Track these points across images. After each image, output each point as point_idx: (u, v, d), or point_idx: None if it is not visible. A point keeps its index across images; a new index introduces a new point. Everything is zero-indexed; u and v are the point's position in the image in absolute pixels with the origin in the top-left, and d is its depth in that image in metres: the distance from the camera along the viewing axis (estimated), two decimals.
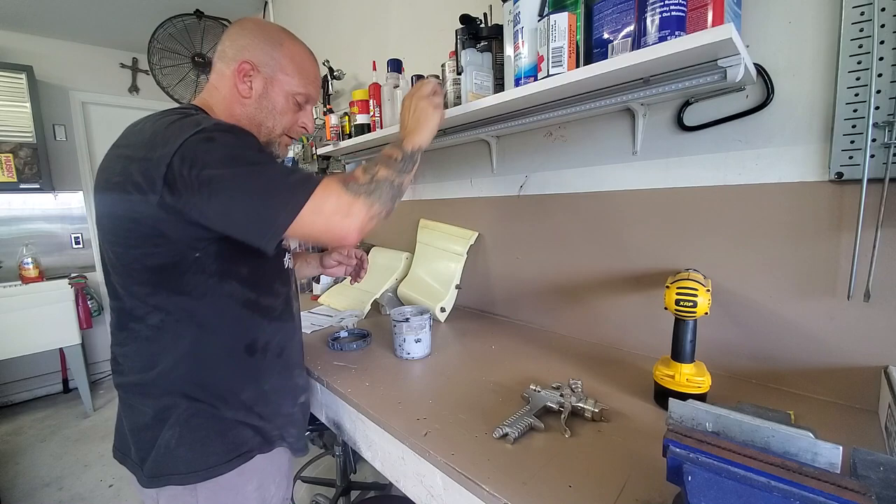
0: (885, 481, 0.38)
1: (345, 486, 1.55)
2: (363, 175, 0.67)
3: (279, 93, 0.73)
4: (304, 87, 0.75)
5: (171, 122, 0.59)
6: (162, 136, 0.58)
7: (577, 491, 0.52)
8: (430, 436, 0.66)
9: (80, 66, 3.05)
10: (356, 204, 0.63)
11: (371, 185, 0.66)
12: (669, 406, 0.47)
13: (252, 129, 0.73)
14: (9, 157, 2.62)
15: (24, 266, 2.54)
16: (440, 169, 1.50)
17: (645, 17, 0.67)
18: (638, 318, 0.97)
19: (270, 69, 0.72)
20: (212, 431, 0.67)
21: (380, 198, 0.66)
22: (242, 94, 0.71)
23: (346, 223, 0.62)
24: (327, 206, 0.61)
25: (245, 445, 0.70)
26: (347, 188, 0.63)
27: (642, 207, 0.95)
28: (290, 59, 0.73)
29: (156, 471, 0.66)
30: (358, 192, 0.64)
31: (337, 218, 0.62)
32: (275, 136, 0.77)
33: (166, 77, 2.50)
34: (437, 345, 1.07)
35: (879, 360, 0.68)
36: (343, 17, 1.96)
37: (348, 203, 0.63)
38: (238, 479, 0.69)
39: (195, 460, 0.66)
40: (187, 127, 0.57)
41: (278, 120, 0.75)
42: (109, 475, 1.97)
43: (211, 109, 0.72)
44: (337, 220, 0.62)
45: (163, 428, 0.66)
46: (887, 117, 0.63)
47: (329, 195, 0.61)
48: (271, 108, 0.74)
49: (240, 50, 0.71)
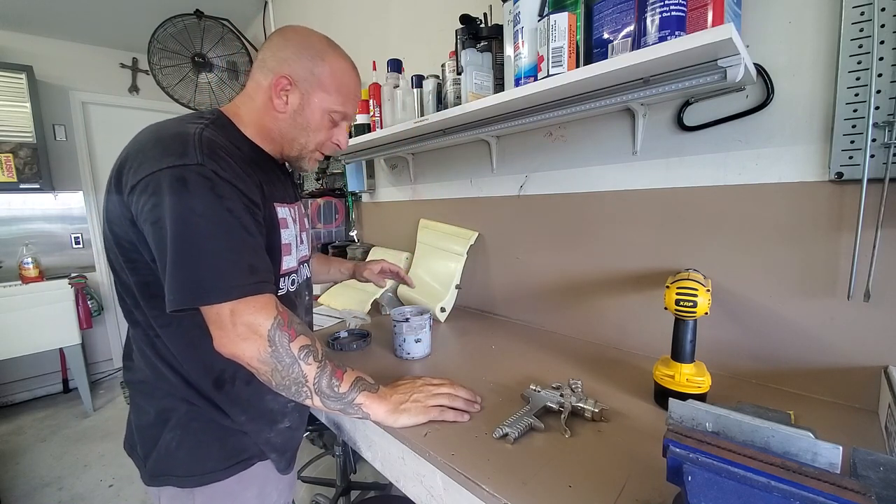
0: (885, 481, 0.38)
1: (345, 486, 1.55)
2: (296, 347, 0.59)
3: (315, 110, 0.70)
4: (342, 106, 0.72)
5: (161, 139, 0.58)
6: (150, 150, 0.57)
7: (577, 491, 0.52)
8: (430, 436, 0.66)
9: (80, 66, 3.05)
10: (257, 346, 0.56)
11: (287, 360, 0.58)
12: (669, 406, 0.47)
13: (283, 143, 0.72)
14: (9, 157, 2.62)
15: (24, 266, 2.54)
16: (440, 169, 1.50)
17: (645, 17, 0.67)
18: (638, 318, 0.97)
19: (309, 85, 0.68)
20: (211, 437, 0.67)
21: (274, 372, 0.58)
22: (277, 108, 0.68)
23: (234, 343, 0.56)
24: (241, 319, 0.55)
25: (245, 453, 0.69)
26: (274, 330, 0.57)
27: (642, 207, 0.95)
28: (331, 76, 0.69)
29: (156, 470, 0.66)
30: (273, 344, 0.57)
31: (234, 333, 0.56)
32: (307, 152, 0.74)
33: (166, 77, 2.50)
34: (437, 345, 1.07)
35: (879, 360, 0.68)
36: (343, 17, 1.96)
37: (256, 335, 0.56)
38: (237, 486, 0.69)
39: (193, 464, 0.66)
40: (169, 153, 0.55)
41: (311, 137, 0.72)
42: (109, 475, 1.97)
43: (240, 119, 0.70)
44: (231, 335, 0.56)
45: (164, 429, 0.66)
46: (887, 117, 0.63)
47: (255, 314, 0.56)
48: (305, 124, 0.71)
49: (280, 62, 0.68)
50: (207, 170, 0.56)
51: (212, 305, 0.55)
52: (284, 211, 0.72)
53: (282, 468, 0.75)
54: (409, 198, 1.66)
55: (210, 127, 0.62)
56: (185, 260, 0.54)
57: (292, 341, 0.59)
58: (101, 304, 2.98)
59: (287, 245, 0.72)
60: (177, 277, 0.54)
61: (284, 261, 0.71)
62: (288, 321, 0.60)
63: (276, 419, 0.72)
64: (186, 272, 0.54)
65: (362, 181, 1.83)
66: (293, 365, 0.59)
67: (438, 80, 1.19)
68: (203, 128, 0.61)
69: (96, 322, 2.94)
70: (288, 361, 0.58)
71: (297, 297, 0.79)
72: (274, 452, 0.72)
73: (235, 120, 0.70)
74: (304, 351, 0.60)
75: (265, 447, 0.71)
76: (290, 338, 0.59)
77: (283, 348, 0.58)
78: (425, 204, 1.58)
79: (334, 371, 0.63)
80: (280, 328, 0.58)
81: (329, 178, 2.12)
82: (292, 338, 0.59)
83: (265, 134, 0.71)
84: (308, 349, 0.60)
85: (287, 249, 0.72)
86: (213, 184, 0.56)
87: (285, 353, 0.58)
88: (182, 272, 0.54)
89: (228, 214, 0.56)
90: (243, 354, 0.57)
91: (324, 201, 1.98)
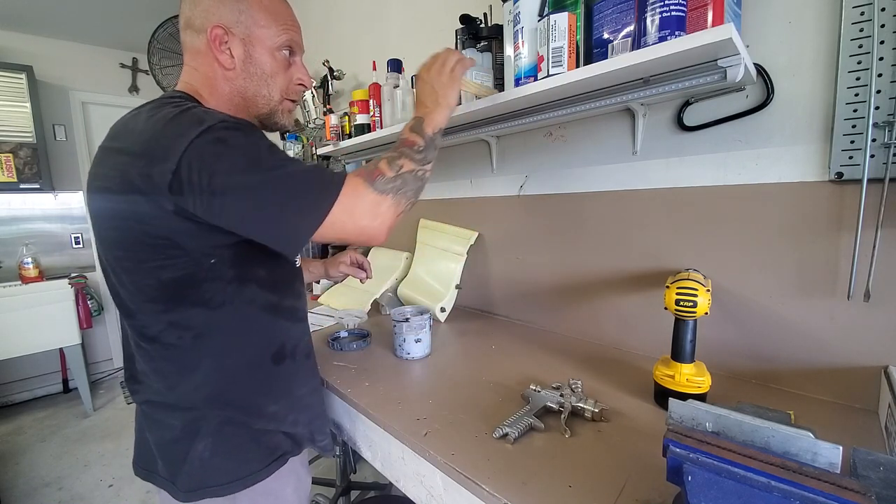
0: (885, 481, 0.38)
1: (345, 486, 1.55)
2: (388, 169, 0.62)
3: (263, 51, 0.64)
4: (285, 34, 0.65)
5: (170, 117, 0.53)
6: (163, 136, 0.52)
7: (577, 491, 0.52)
8: (430, 436, 0.66)
9: (80, 66, 3.05)
10: (384, 203, 0.60)
11: (398, 182, 0.62)
12: (669, 406, 0.47)
13: (248, 104, 0.66)
14: (9, 157, 2.62)
15: (24, 266, 2.54)
16: (440, 169, 1.50)
17: (645, 17, 0.67)
18: (638, 318, 0.97)
19: (244, 27, 0.62)
20: (246, 439, 0.65)
21: (405, 193, 0.63)
22: (225, 65, 0.62)
23: (375, 224, 0.60)
24: (356, 208, 0.58)
25: (279, 449, 0.68)
26: (374, 186, 0.60)
27: (642, 207, 0.95)
28: (259, 7, 0.63)
29: (192, 484, 0.62)
30: (385, 189, 0.61)
31: (367, 219, 0.59)
32: (274, 104, 0.68)
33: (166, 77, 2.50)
34: (437, 345, 1.07)
35: (879, 360, 0.68)
36: (343, 17, 1.96)
37: (376, 202, 0.60)
38: (275, 484, 0.68)
39: (234, 469, 0.64)
40: (190, 125, 0.52)
41: (272, 84, 0.66)
42: (109, 475, 1.97)
43: (199, 94, 0.64)
44: (367, 222, 0.59)
45: (194, 440, 0.62)
46: (887, 117, 0.63)
47: (357, 196, 0.58)
48: (260, 72, 0.64)
49: (205, 15, 0.61)
50: (231, 122, 0.55)
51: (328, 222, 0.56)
52: None
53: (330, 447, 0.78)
54: None
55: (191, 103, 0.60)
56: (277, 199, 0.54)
57: (385, 174, 0.62)
58: (101, 303, 2.98)
59: None
60: (281, 219, 0.55)
61: None
62: (367, 173, 0.61)
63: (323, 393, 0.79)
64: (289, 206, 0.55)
65: None
66: (404, 179, 0.63)
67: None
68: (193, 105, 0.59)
69: (96, 322, 2.94)
70: (400, 182, 0.63)
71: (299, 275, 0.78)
72: (327, 427, 0.77)
73: (198, 98, 0.64)
74: (392, 166, 0.63)
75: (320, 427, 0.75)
76: (382, 175, 0.61)
77: (389, 182, 0.61)
78: (425, 204, 1.58)
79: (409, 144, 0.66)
80: (372, 181, 0.60)
81: None
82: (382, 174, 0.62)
83: (228, 103, 0.65)
84: (390, 162, 0.63)
85: None
86: (244, 131, 0.55)
87: (393, 182, 0.62)
88: (285, 209, 0.54)
89: (274, 148, 0.57)
90: (388, 218, 0.61)
91: None
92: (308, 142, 2.18)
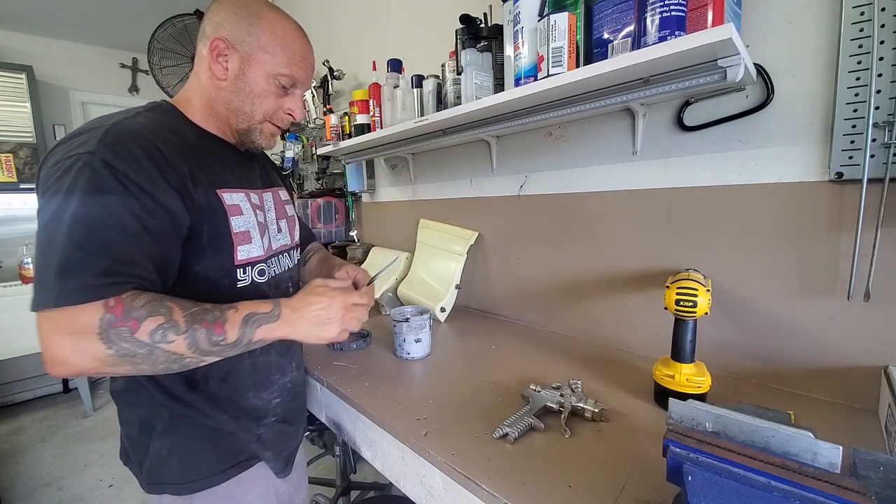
0: (885, 481, 0.38)
1: (345, 486, 1.55)
2: (146, 332, 0.50)
3: (258, 73, 0.64)
4: (288, 68, 0.65)
5: (88, 125, 0.56)
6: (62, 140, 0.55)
7: (577, 491, 0.52)
8: (430, 436, 0.66)
9: (80, 66, 3.05)
10: (93, 352, 0.48)
11: (140, 349, 0.50)
12: (669, 406, 0.47)
13: (229, 116, 0.67)
14: (9, 157, 2.62)
15: (24, 266, 2.54)
16: (440, 169, 1.50)
17: (645, 17, 0.67)
18: (638, 318, 0.97)
19: (248, 46, 0.63)
20: (202, 440, 0.65)
21: (135, 363, 0.51)
22: (217, 75, 0.64)
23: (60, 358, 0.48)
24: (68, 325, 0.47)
25: (242, 454, 0.68)
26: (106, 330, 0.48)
27: (642, 207, 0.95)
28: (271, 35, 0.63)
29: (152, 478, 0.65)
30: (112, 343, 0.49)
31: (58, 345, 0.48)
32: (255, 122, 0.68)
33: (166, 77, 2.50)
34: (437, 345, 1.07)
35: (879, 360, 0.68)
36: (343, 17, 1.96)
37: (90, 345, 0.48)
38: (237, 489, 0.67)
39: (187, 471, 0.64)
40: (74, 142, 0.53)
41: (257, 104, 0.66)
42: (109, 475, 1.97)
43: (189, 104, 0.66)
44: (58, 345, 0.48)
45: (151, 437, 0.64)
46: (887, 117, 0.63)
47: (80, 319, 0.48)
48: (249, 90, 0.65)
49: (216, 27, 0.63)
50: (97, 159, 0.50)
51: (40, 313, 0.48)
52: (238, 197, 0.66)
53: (277, 469, 0.72)
54: (409, 198, 1.66)
55: (144, 114, 0.59)
56: (39, 256, 0.49)
57: (135, 332, 0.50)
58: None
59: (243, 233, 0.65)
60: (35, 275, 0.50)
61: (240, 250, 0.64)
62: (123, 313, 0.49)
63: (259, 415, 0.70)
64: (38, 272, 0.49)
65: (362, 181, 1.83)
66: (152, 352, 0.51)
67: (438, 80, 1.19)
68: (133, 116, 0.58)
69: None
70: (143, 352, 0.50)
71: (275, 288, 0.72)
72: (268, 451, 0.71)
73: (184, 106, 0.66)
74: (157, 332, 0.51)
75: (256, 445, 0.69)
76: (131, 330, 0.49)
77: (128, 342, 0.49)
78: (425, 204, 1.58)
79: (212, 328, 0.54)
80: (112, 325, 0.48)
81: (329, 178, 2.12)
82: (134, 329, 0.49)
83: (212, 111, 0.66)
84: (161, 327, 0.51)
85: (244, 237, 0.65)
86: (97, 174, 0.50)
87: (133, 345, 0.50)
88: (37, 272, 0.49)
89: (104, 209, 0.50)
90: (81, 366, 0.49)
91: (323, 201, 1.98)
92: (308, 142, 2.18)
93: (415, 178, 1.61)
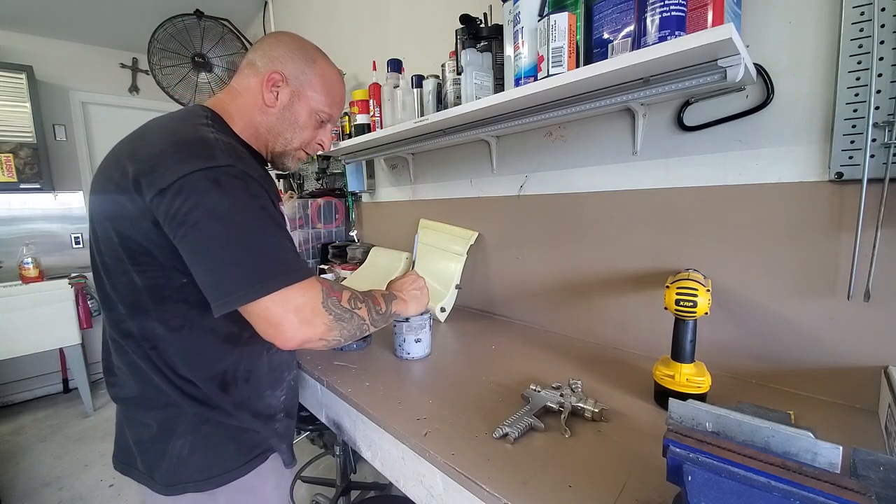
0: (885, 481, 0.38)
1: (345, 486, 1.55)
2: (346, 300, 0.65)
3: (304, 107, 0.74)
4: (328, 107, 0.76)
5: (184, 142, 0.58)
6: (172, 155, 0.56)
7: (577, 491, 0.52)
8: (430, 436, 0.66)
9: (80, 66, 3.05)
10: (321, 319, 0.60)
11: (346, 314, 0.64)
12: (669, 406, 0.47)
13: (269, 138, 0.74)
14: (9, 157, 2.62)
15: (24, 266, 2.54)
16: (440, 169, 1.50)
17: (645, 17, 0.67)
18: (638, 318, 0.97)
19: (300, 83, 0.73)
20: (224, 436, 0.67)
21: (343, 329, 0.63)
22: (267, 102, 0.71)
23: (297, 329, 0.57)
24: (295, 305, 0.57)
25: (259, 447, 0.71)
26: (325, 300, 0.61)
27: (642, 207, 0.95)
28: (320, 78, 0.74)
29: (171, 479, 0.65)
30: (331, 311, 0.61)
31: (295, 319, 0.57)
32: (291, 148, 0.77)
33: (166, 77, 2.50)
34: (437, 345, 1.07)
35: (879, 360, 0.68)
36: (343, 17, 1.96)
37: (316, 313, 0.59)
38: (256, 481, 0.69)
39: (211, 466, 0.66)
40: (198, 156, 0.56)
41: (297, 133, 0.76)
42: (109, 475, 1.97)
43: (229, 115, 0.71)
44: (293, 321, 0.57)
45: (171, 438, 0.65)
46: (887, 117, 0.63)
47: (306, 296, 0.58)
48: (293, 120, 0.74)
49: (272, 60, 0.71)
50: (238, 170, 0.57)
51: (262, 300, 0.55)
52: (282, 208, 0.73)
53: (288, 461, 0.77)
54: (409, 198, 1.66)
55: (214, 128, 0.63)
56: (235, 257, 0.55)
57: (341, 300, 0.64)
58: None
59: None
60: (228, 275, 0.54)
61: None
62: (329, 286, 0.64)
63: (274, 413, 0.74)
64: (240, 269, 0.55)
65: (362, 181, 1.83)
66: (353, 316, 0.65)
67: (438, 80, 1.19)
68: (215, 130, 0.62)
69: (96, 322, 2.93)
70: (348, 316, 0.64)
71: None
72: (283, 443, 0.75)
73: (226, 118, 0.70)
74: (351, 300, 0.66)
75: (274, 440, 0.73)
76: (338, 299, 0.64)
77: (338, 308, 0.63)
78: (425, 204, 1.58)
79: (372, 301, 0.72)
80: (328, 295, 0.62)
81: (329, 178, 2.12)
82: (339, 298, 0.64)
83: (252, 130, 0.73)
84: (351, 298, 0.67)
85: None
86: (246, 183, 0.58)
87: (342, 311, 0.63)
88: (235, 269, 0.54)
89: (263, 212, 0.58)
90: (314, 334, 0.59)
91: (324, 201, 1.98)
92: None
93: (415, 178, 1.61)
